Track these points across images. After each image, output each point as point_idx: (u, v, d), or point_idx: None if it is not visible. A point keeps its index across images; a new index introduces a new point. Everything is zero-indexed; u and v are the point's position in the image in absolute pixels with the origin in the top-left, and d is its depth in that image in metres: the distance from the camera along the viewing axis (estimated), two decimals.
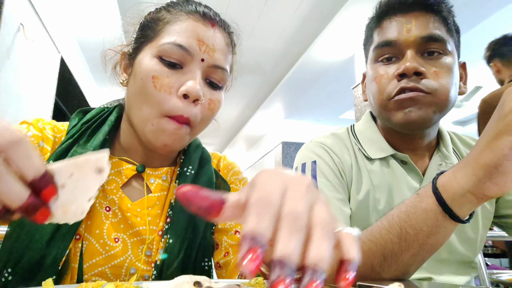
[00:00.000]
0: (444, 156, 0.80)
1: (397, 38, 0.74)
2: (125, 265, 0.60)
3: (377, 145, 0.82)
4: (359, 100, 3.77)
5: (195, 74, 0.59)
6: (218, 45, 0.62)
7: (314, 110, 6.35)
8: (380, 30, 0.79)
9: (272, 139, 7.42)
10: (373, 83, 0.79)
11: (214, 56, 0.61)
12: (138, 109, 0.61)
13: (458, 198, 0.50)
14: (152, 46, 0.61)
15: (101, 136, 0.63)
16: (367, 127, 0.87)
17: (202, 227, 0.65)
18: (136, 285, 0.36)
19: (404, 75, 0.72)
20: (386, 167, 0.81)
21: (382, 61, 0.78)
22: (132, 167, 0.66)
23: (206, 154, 0.75)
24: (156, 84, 0.58)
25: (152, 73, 0.58)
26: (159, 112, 0.58)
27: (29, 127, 0.61)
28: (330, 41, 3.94)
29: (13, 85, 2.35)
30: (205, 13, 0.63)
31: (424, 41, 0.73)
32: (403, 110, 0.73)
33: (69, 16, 3.40)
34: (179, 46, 0.59)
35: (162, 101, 0.58)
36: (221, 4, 3.52)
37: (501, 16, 3.42)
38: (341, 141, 0.86)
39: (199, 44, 0.60)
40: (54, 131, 0.64)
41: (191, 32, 0.60)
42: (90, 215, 0.61)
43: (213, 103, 0.63)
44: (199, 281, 0.30)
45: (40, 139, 0.61)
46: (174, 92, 0.58)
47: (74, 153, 0.60)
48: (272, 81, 5.40)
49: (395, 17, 0.77)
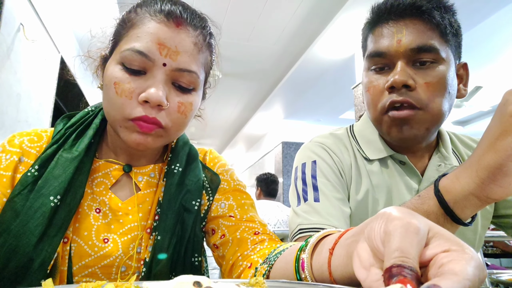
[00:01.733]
0: (443, 157, 0.80)
1: (387, 49, 0.73)
2: (115, 264, 0.61)
3: (375, 146, 0.82)
4: (359, 100, 3.77)
5: (157, 80, 0.58)
6: (182, 47, 0.59)
7: (314, 110, 6.35)
8: (373, 37, 0.77)
9: (272, 139, 7.42)
10: (366, 93, 0.78)
11: (177, 59, 0.59)
12: (107, 113, 0.62)
13: (461, 200, 0.49)
14: (117, 51, 0.61)
15: (87, 140, 0.64)
16: (366, 127, 0.87)
17: (191, 223, 0.65)
18: (136, 285, 0.36)
19: (393, 88, 0.71)
20: (385, 167, 0.81)
21: (374, 70, 0.77)
22: (119, 168, 0.67)
23: (194, 150, 0.75)
24: (117, 90, 0.58)
25: (114, 79, 0.58)
26: (122, 116, 0.58)
27: (4, 149, 0.62)
28: (330, 41, 3.94)
29: (13, 85, 2.35)
30: (170, 13, 0.60)
31: (414, 52, 0.71)
32: (395, 127, 0.72)
33: (69, 16, 3.40)
34: (138, 52, 0.57)
35: (123, 106, 0.58)
36: (221, 4, 3.52)
37: (501, 16, 3.42)
38: (340, 141, 0.86)
39: (159, 48, 0.58)
40: (34, 141, 0.64)
41: (151, 36, 0.58)
42: (78, 218, 0.61)
43: (184, 105, 0.61)
44: (199, 281, 0.30)
45: (20, 155, 0.61)
46: (135, 97, 0.58)
47: (59, 158, 0.60)
48: (272, 81, 5.40)
49: (386, 25, 0.75)
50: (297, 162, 0.85)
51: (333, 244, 0.42)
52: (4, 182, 0.59)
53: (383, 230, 0.30)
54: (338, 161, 0.81)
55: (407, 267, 0.27)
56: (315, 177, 0.79)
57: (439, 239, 0.29)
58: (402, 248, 0.28)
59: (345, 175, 0.81)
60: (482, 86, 5.12)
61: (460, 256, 0.26)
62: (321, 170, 0.80)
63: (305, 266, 0.45)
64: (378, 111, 0.74)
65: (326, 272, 0.41)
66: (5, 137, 0.65)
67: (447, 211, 0.50)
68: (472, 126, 6.78)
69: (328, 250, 0.42)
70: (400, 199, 0.77)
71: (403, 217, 0.30)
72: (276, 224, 2.96)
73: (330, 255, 0.41)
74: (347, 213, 0.76)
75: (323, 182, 0.78)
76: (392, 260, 0.28)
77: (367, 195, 0.79)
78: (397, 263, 0.27)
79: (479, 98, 5.59)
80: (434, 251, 0.28)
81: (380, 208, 0.77)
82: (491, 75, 4.93)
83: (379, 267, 0.31)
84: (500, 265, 3.45)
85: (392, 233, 0.29)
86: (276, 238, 0.67)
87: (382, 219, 0.31)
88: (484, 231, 0.82)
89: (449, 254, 0.27)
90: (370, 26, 0.79)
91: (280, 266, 0.52)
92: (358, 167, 0.82)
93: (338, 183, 0.79)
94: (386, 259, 0.28)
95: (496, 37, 3.94)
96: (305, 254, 0.46)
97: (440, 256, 0.28)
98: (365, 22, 0.82)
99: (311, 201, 0.76)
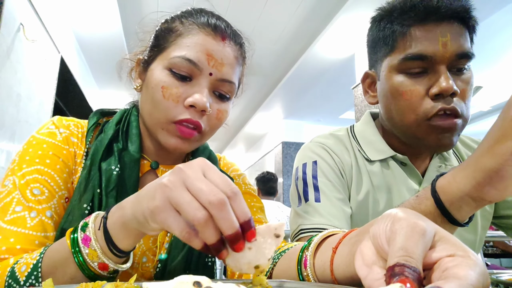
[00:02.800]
0: (444, 158, 0.80)
1: (433, 53, 0.68)
2: (138, 253, 0.64)
3: (376, 147, 0.82)
4: (359, 100, 3.76)
5: (203, 87, 0.62)
6: (226, 59, 0.64)
7: (314, 110, 6.35)
8: (410, 38, 0.71)
9: (272, 139, 7.42)
10: (400, 97, 0.72)
11: (222, 70, 0.64)
12: (149, 115, 0.66)
13: (457, 201, 0.49)
14: (163, 57, 0.64)
15: (137, 140, 0.68)
16: (366, 128, 0.86)
17: None
18: (136, 285, 0.36)
19: (439, 95, 0.68)
20: (386, 168, 0.81)
21: (410, 73, 0.71)
22: (147, 163, 0.71)
23: (213, 155, 0.81)
24: (164, 94, 0.62)
25: (161, 83, 0.62)
26: (167, 119, 0.62)
27: (56, 126, 0.66)
28: (330, 41, 3.94)
29: (13, 85, 2.34)
30: (217, 27, 0.65)
31: (458, 57, 0.69)
32: (437, 135, 0.69)
33: (69, 16, 3.40)
34: (188, 60, 0.62)
35: (169, 109, 0.62)
36: (221, 4, 3.52)
37: (501, 17, 3.42)
38: (340, 141, 0.85)
39: (208, 59, 0.62)
40: (78, 127, 0.69)
41: (200, 47, 0.62)
42: None
43: (221, 113, 0.68)
44: (199, 281, 0.30)
45: (70, 135, 0.66)
46: (181, 101, 0.62)
47: (124, 157, 0.65)
48: (272, 81, 5.40)
49: (426, 25, 0.70)
50: (297, 162, 0.85)
51: (337, 243, 0.42)
52: (64, 154, 0.63)
53: (389, 229, 0.31)
54: (339, 161, 0.81)
55: (410, 267, 0.27)
56: (315, 177, 0.79)
57: (445, 243, 0.29)
58: (407, 247, 0.28)
59: (346, 175, 0.81)
60: (482, 86, 5.13)
61: (465, 262, 0.26)
62: (321, 170, 0.79)
63: (308, 264, 0.45)
64: (420, 117, 0.70)
65: (328, 270, 0.42)
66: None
67: (443, 211, 0.50)
68: (472, 126, 6.78)
69: (332, 248, 0.42)
70: (400, 200, 0.77)
71: (409, 218, 0.30)
72: None
73: (333, 254, 0.42)
74: (348, 213, 0.76)
75: (324, 182, 0.78)
76: (396, 259, 0.28)
77: (367, 196, 0.79)
78: (401, 262, 0.27)
79: (479, 98, 5.59)
80: (439, 255, 0.28)
81: (381, 209, 0.77)
82: (491, 75, 4.93)
83: (382, 266, 0.31)
84: (500, 265, 3.45)
85: (398, 232, 0.30)
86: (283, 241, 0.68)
87: (389, 219, 0.32)
88: (484, 232, 0.82)
89: (454, 259, 0.27)
90: (403, 23, 0.72)
91: (283, 263, 0.53)
92: (359, 168, 0.82)
93: (339, 183, 0.79)
94: (390, 258, 0.29)
95: (496, 37, 3.94)
96: (308, 253, 0.47)
97: (445, 260, 0.28)
98: (390, 15, 0.75)
99: (312, 201, 0.76)
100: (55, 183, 0.60)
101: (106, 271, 0.46)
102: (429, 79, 0.70)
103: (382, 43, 0.77)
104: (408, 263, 0.27)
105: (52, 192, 0.59)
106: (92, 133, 0.68)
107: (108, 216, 0.46)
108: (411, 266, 0.27)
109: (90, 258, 0.45)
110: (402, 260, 0.27)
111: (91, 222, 0.46)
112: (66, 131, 0.66)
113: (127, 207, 0.43)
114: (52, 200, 0.59)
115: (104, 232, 0.45)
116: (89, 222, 0.47)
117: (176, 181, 0.38)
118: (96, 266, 0.45)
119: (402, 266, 0.27)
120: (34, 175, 0.58)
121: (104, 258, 0.45)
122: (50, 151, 0.62)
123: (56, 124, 0.66)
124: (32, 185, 0.57)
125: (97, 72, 4.65)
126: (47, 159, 0.61)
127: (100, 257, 0.45)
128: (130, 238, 0.45)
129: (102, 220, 0.45)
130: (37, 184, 0.58)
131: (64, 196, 0.61)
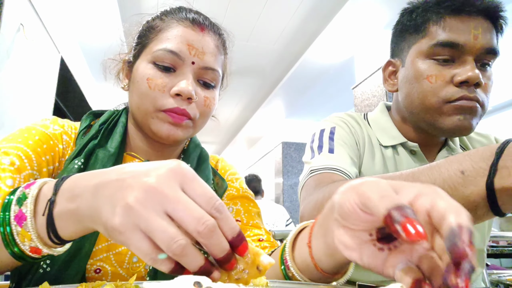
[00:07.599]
0: (451, 149, 0.83)
1: (464, 42, 0.71)
2: (128, 253, 0.64)
3: (389, 133, 0.85)
4: (359, 100, 3.77)
5: (187, 76, 0.65)
6: (207, 48, 0.67)
7: (314, 110, 6.35)
8: (444, 26, 0.73)
9: (272, 139, 7.42)
10: (424, 81, 0.74)
11: (204, 59, 0.66)
12: (137, 108, 0.67)
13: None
14: (147, 52, 0.67)
15: (118, 137, 0.69)
16: (381, 116, 0.89)
17: None
18: (135, 285, 0.36)
19: (464, 83, 0.70)
20: (396, 154, 0.83)
21: (438, 60, 0.74)
22: (138, 162, 0.70)
23: (204, 153, 0.81)
24: (150, 85, 0.64)
25: (146, 76, 0.65)
26: (155, 108, 0.64)
27: (52, 122, 0.68)
28: (330, 41, 3.94)
29: (13, 85, 2.34)
30: (194, 19, 0.68)
31: (485, 52, 0.72)
32: (457, 116, 0.71)
33: (69, 16, 3.40)
34: (170, 51, 0.64)
35: (156, 98, 0.64)
36: (220, 4, 3.52)
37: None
38: (355, 120, 0.89)
39: (189, 48, 0.65)
40: (71, 128, 0.70)
41: (181, 38, 0.65)
42: None
43: (208, 99, 0.69)
44: (199, 281, 0.30)
45: (63, 133, 0.68)
46: (167, 91, 0.64)
47: (98, 153, 0.65)
48: (272, 81, 5.40)
49: (460, 17, 0.72)
50: (315, 130, 0.88)
51: (308, 238, 0.43)
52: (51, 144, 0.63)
53: (355, 196, 0.31)
54: (355, 132, 0.85)
55: (405, 207, 0.27)
56: (332, 138, 0.82)
57: (407, 188, 0.31)
58: (385, 195, 0.29)
59: (360, 146, 0.84)
60: None
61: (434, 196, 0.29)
62: (339, 134, 0.83)
63: (290, 264, 0.46)
64: (441, 99, 0.72)
65: (311, 264, 0.43)
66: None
67: (493, 206, 0.45)
68: None
69: (306, 244, 0.43)
70: None
71: (365, 181, 0.31)
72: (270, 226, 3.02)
73: (309, 249, 0.42)
74: (355, 172, 0.78)
75: (339, 143, 0.81)
76: (383, 207, 0.28)
77: (380, 166, 0.82)
78: (391, 205, 0.27)
79: None
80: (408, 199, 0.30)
81: None
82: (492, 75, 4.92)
83: (366, 241, 0.32)
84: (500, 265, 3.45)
85: (366, 192, 0.30)
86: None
87: (346, 195, 0.32)
88: (489, 229, 0.85)
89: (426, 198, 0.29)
90: (439, 11, 0.74)
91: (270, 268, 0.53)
92: (372, 143, 0.85)
93: (354, 147, 0.82)
94: (376, 211, 0.28)
95: None
96: (286, 255, 0.47)
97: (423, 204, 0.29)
98: (425, 7, 0.77)
99: (326, 152, 0.79)
100: (29, 161, 0.58)
101: (38, 255, 0.40)
102: (455, 68, 0.72)
103: (413, 30, 0.79)
104: (400, 204, 0.27)
105: (21, 167, 0.56)
106: (83, 135, 0.69)
107: (56, 200, 0.38)
108: (405, 205, 0.27)
109: (21, 239, 0.39)
110: (391, 204, 0.27)
111: (31, 197, 0.39)
112: (60, 129, 0.67)
113: (83, 203, 0.36)
114: (19, 174, 0.55)
115: (48, 218, 0.38)
116: (28, 196, 0.39)
117: (147, 204, 0.31)
118: (28, 250, 0.39)
119: (397, 209, 0.27)
120: (10, 150, 0.57)
121: (39, 243, 0.39)
122: (37, 136, 0.62)
123: (51, 121, 0.68)
124: (3, 155, 0.56)
125: (97, 72, 4.65)
126: (30, 140, 0.60)
127: (34, 241, 0.39)
128: (80, 232, 0.39)
129: (48, 204, 0.38)
130: (10, 157, 0.56)
131: (34, 176, 0.58)
